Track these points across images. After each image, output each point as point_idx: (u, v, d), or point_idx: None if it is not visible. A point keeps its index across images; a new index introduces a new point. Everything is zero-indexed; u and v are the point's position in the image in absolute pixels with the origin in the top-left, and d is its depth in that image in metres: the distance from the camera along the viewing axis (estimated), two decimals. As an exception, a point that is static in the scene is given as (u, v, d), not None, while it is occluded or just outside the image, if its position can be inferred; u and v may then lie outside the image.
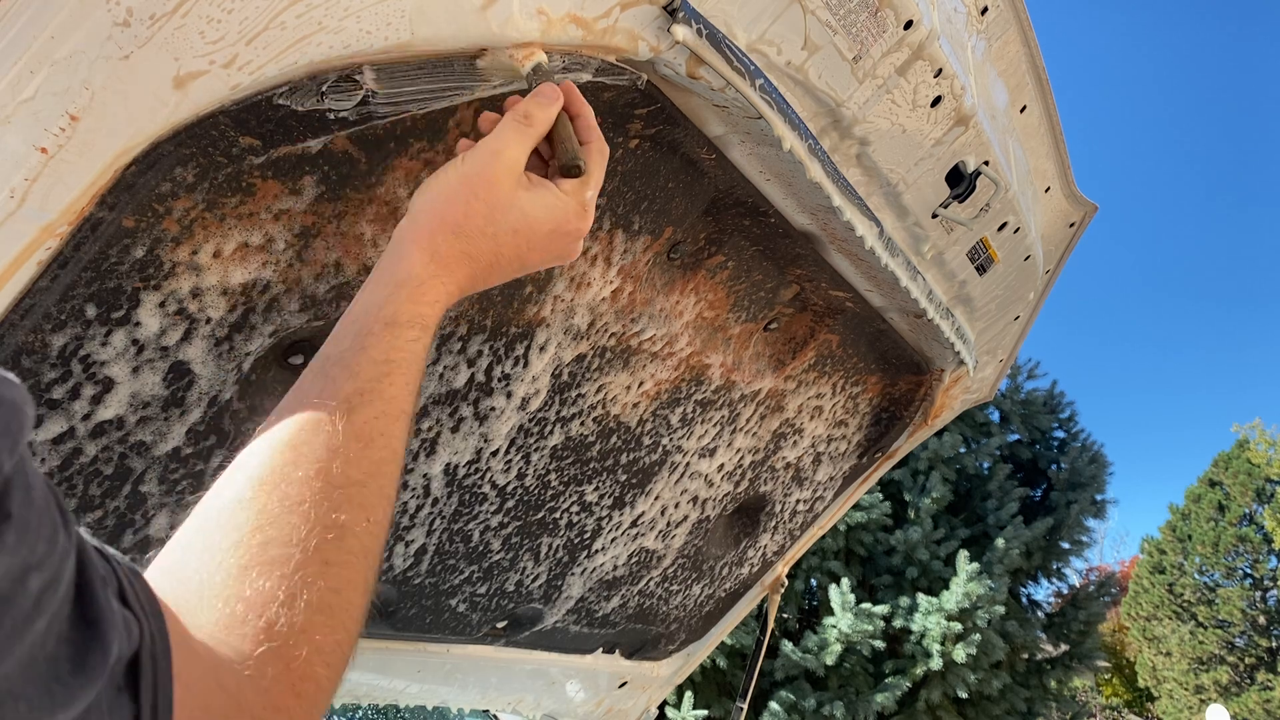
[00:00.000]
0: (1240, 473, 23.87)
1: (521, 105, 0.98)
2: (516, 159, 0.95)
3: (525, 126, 0.96)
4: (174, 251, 1.04)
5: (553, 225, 0.97)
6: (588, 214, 1.01)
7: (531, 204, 0.95)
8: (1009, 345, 2.46)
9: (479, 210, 0.92)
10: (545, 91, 0.99)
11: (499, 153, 0.94)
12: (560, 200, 0.97)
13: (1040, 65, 1.82)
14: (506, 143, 0.95)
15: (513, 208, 0.93)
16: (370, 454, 0.75)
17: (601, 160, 1.02)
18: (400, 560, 1.73)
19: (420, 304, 0.86)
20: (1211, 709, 15.00)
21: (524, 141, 0.96)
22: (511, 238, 0.94)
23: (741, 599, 2.79)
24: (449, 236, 0.90)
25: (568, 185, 0.99)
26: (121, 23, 0.83)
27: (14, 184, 0.85)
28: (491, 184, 0.92)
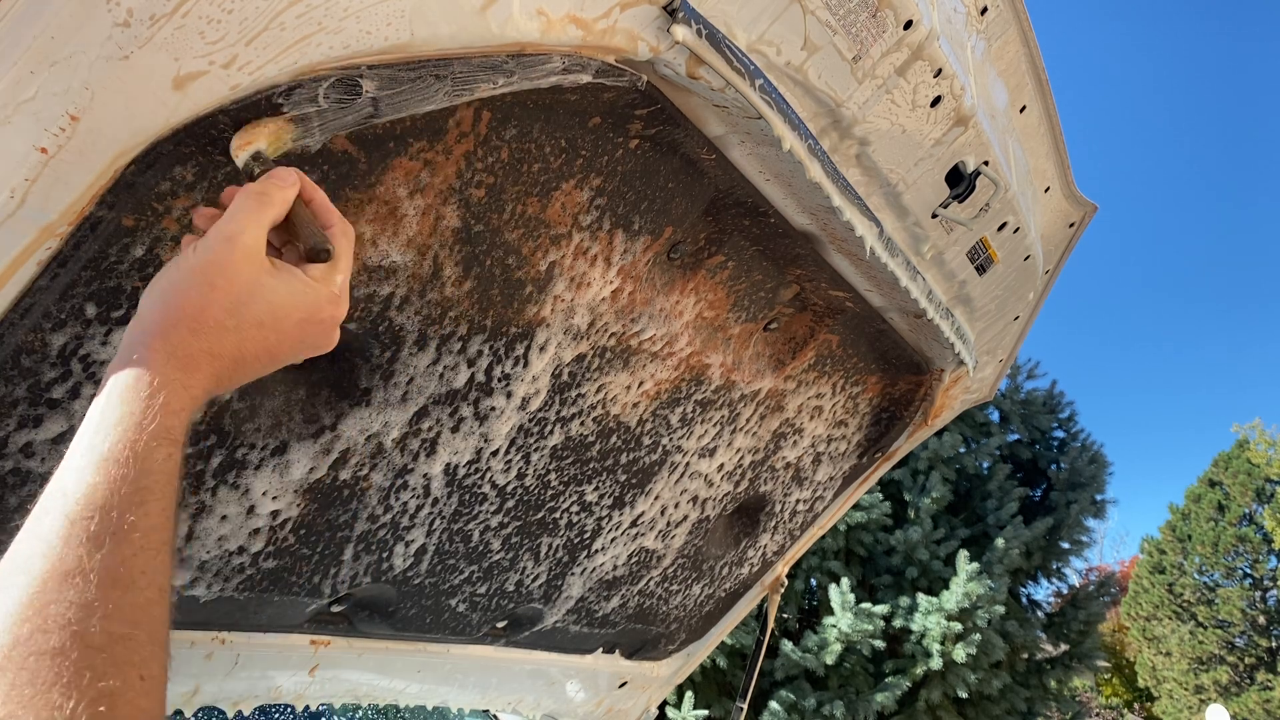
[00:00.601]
0: (1240, 473, 23.87)
1: (254, 185, 0.88)
2: (256, 242, 0.84)
3: (262, 207, 0.86)
4: (174, 251, 1.04)
5: (303, 314, 0.87)
6: (342, 300, 0.91)
7: (277, 292, 0.84)
8: (1009, 345, 2.46)
9: (219, 301, 0.81)
10: (281, 173, 0.90)
11: (235, 237, 0.83)
12: (310, 287, 0.88)
13: (1040, 65, 1.82)
14: (242, 225, 0.84)
15: (256, 297, 0.83)
16: (133, 599, 0.64)
17: (349, 242, 0.93)
18: (400, 560, 1.73)
19: (168, 416, 0.74)
20: (1211, 709, 15.00)
21: (261, 224, 0.86)
22: (257, 331, 0.83)
23: (741, 599, 2.79)
24: (186, 334, 0.79)
25: (317, 271, 0.89)
26: (122, 23, 0.83)
27: (14, 184, 0.85)
28: (230, 271, 0.82)
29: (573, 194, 1.41)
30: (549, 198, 1.38)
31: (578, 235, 1.47)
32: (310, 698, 2.05)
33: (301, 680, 1.98)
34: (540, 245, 1.43)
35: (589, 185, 1.41)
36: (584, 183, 1.40)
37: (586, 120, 1.32)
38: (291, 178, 0.90)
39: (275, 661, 1.87)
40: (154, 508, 0.69)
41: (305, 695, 2.03)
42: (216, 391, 0.82)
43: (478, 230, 1.33)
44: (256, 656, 1.81)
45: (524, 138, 1.27)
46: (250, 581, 1.51)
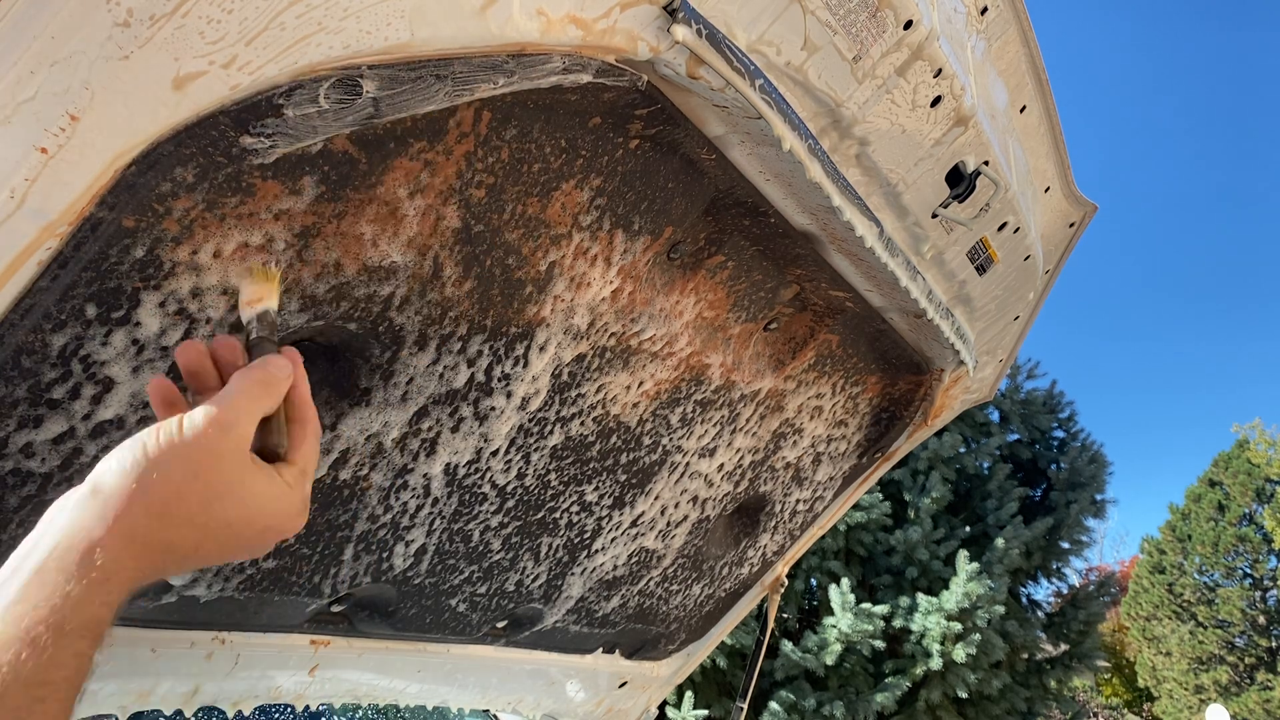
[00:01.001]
0: (1240, 473, 23.87)
1: (260, 371, 0.80)
2: (247, 435, 0.77)
3: (261, 398, 0.79)
4: (174, 251, 1.04)
5: (268, 522, 0.79)
6: (305, 510, 0.83)
7: (255, 494, 0.77)
8: (1009, 345, 2.46)
9: (198, 493, 0.72)
10: (282, 363, 0.82)
11: (230, 426, 0.75)
12: (284, 495, 0.79)
13: (1040, 65, 1.82)
14: (239, 414, 0.76)
15: (233, 496, 0.75)
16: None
17: (316, 444, 0.85)
18: (400, 560, 1.73)
19: (99, 604, 0.66)
20: (1211, 709, 15.00)
21: (255, 416, 0.78)
22: (223, 531, 0.75)
23: (741, 599, 2.79)
24: (154, 521, 0.70)
25: (291, 475, 0.81)
26: (122, 23, 0.83)
27: (14, 184, 0.85)
28: (217, 463, 0.74)
29: (573, 194, 1.41)
30: (549, 198, 1.38)
31: (578, 235, 1.47)
32: (310, 698, 2.05)
33: (301, 680, 1.98)
34: (540, 245, 1.43)
35: (589, 185, 1.41)
36: (584, 183, 1.40)
37: (587, 120, 1.32)
38: (288, 370, 0.82)
39: (275, 661, 1.87)
40: (51, 707, 0.61)
41: (305, 695, 2.03)
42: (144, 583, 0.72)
43: (478, 230, 1.33)
44: (256, 656, 1.82)
45: (524, 138, 1.27)
46: (250, 581, 1.51)
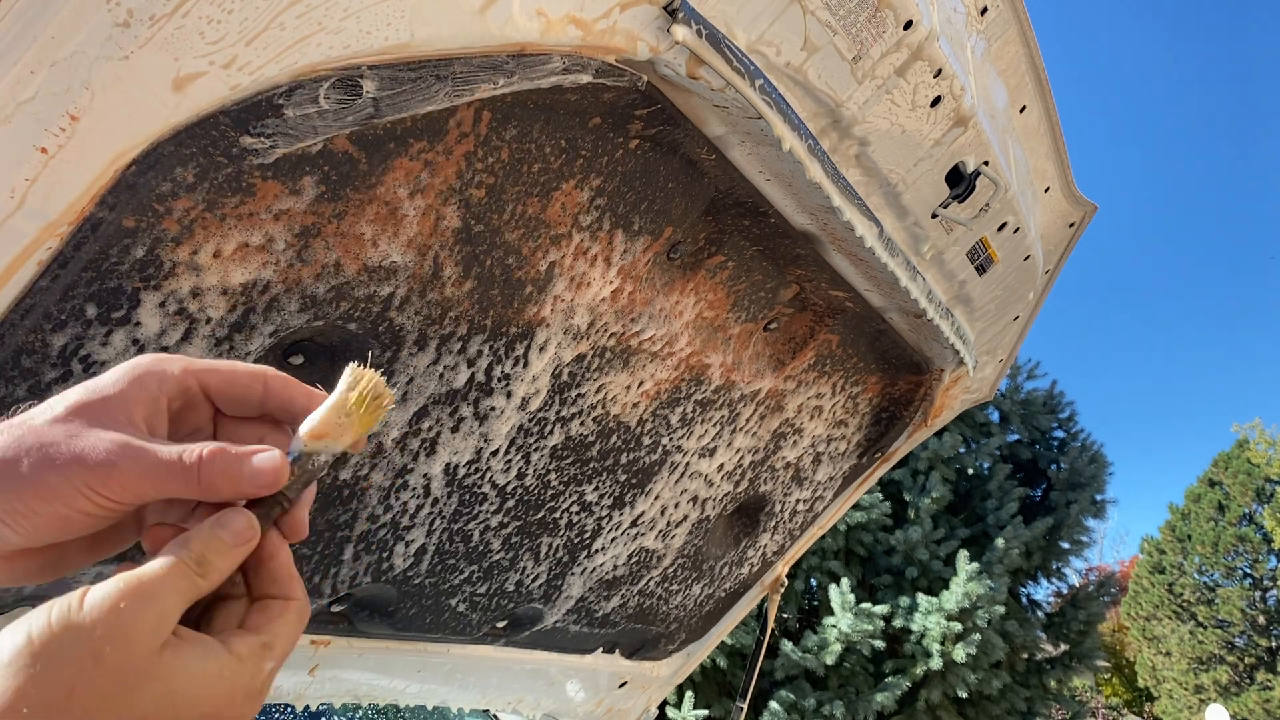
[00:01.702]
0: (1240, 473, 23.88)
1: (196, 542, 0.61)
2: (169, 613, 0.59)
3: (195, 576, 0.60)
4: (174, 251, 1.04)
5: (210, 707, 0.59)
6: (261, 695, 0.63)
7: (183, 673, 0.58)
8: (1009, 345, 2.46)
9: (97, 685, 0.55)
10: (236, 528, 0.62)
11: (151, 598, 0.58)
12: (232, 670, 0.60)
13: (1040, 65, 1.82)
14: (163, 589, 0.59)
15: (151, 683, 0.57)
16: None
17: (299, 623, 0.65)
18: (400, 560, 1.73)
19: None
20: (1211, 709, 15.00)
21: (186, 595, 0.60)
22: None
23: (741, 599, 2.79)
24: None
25: (246, 647, 0.62)
26: (122, 23, 0.83)
27: (14, 184, 0.85)
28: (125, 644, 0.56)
29: (573, 194, 1.41)
30: (549, 198, 1.38)
31: (578, 235, 1.47)
32: (310, 697, 2.05)
33: (301, 680, 1.98)
34: (540, 245, 1.43)
35: (589, 185, 1.41)
36: (584, 183, 1.40)
37: (587, 120, 1.32)
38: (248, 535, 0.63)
39: (275, 661, 1.87)
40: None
41: (305, 695, 2.03)
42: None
43: (478, 230, 1.33)
44: (256, 656, 1.81)
45: (524, 138, 1.27)
46: None
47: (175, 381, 0.64)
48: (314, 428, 0.64)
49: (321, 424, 0.64)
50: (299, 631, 0.65)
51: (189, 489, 0.61)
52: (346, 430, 0.65)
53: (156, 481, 0.60)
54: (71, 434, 0.60)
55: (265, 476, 0.62)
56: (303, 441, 0.64)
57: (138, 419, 0.62)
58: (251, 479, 0.62)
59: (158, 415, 0.64)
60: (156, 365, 0.64)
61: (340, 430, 0.64)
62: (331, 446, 0.65)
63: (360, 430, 0.65)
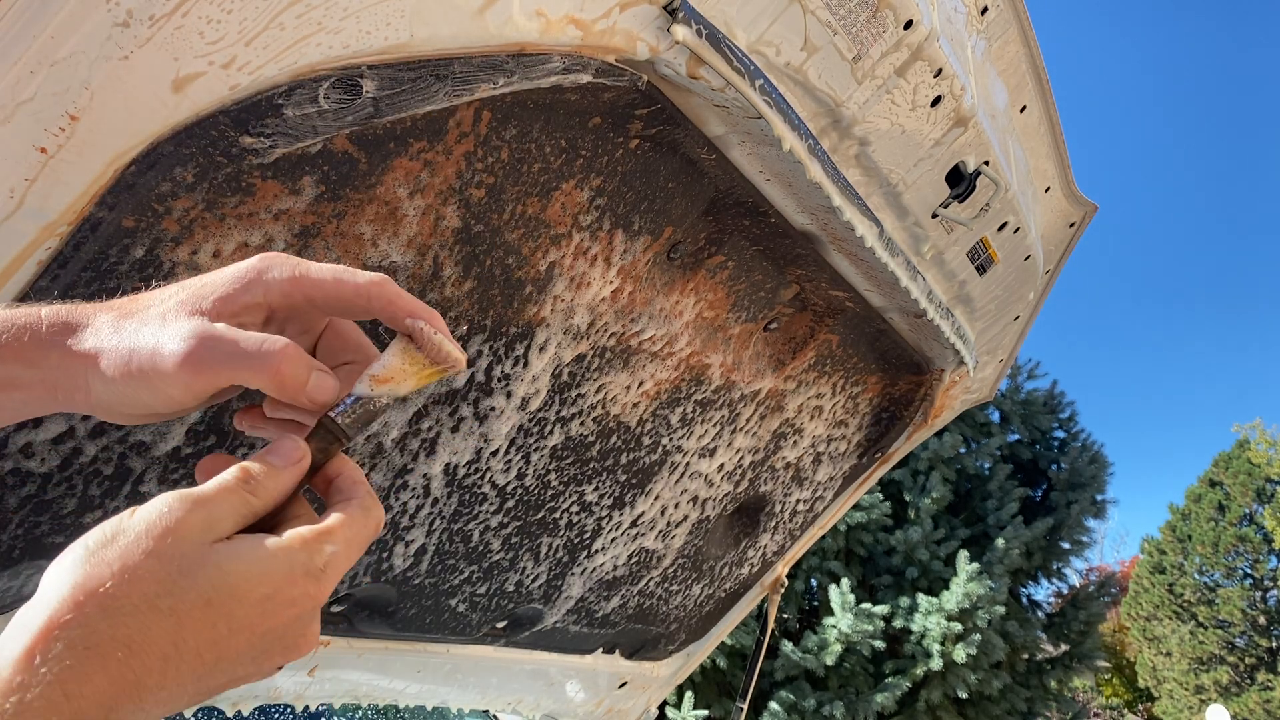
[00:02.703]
0: (1240, 473, 23.88)
1: (247, 463, 0.65)
2: (217, 519, 0.61)
3: (244, 493, 0.63)
4: (174, 251, 1.04)
5: (269, 588, 0.61)
6: (324, 576, 0.64)
7: (237, 558, 0.60)
8: (1009, 345, 2.46)
9: (149, 570, 0.57)
10: (283, 450, 0.66)
11: (198, 504, 0.60)
12: (283, 550, 0.62)
13: (1040, 65, 1.82)
14: (211, 498, 0.62)
15: (206, 564, 0.59)
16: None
17: (364, 518, 0.67)
18: (400, 560, 1.73)
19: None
20: (1211, 709, 14.99)
21: (236, 509, 0.63)
22: (202, 612, 0.58)
23: (741, 599, 2.79)
24: (93, 613, 0.54)
25: (299, 534, 0.64)
26: (121, 23, 0.83)
27: (14, 184, 0.85)
28: (174, 533, 0.59)
29: (573, 194, 1.41)
30: (549, 198, 1.38)
31: (578, 235, 1.47)
32: (310, 698, 2.05)
33: (301, 680, 1.98)
34: (540, 245, 1.43)
35: (589, 185, 1.41)
36: (584, 183, 1.40)
37: (587, 120, 1.32)
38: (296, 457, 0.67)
39: (275, 661, 1.87)
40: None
41: (305, 695, 2.03)
42: (133, 703, 0.55)
43: (478, 230, 1.33)
44: (256, 657, 1.81)
45: (524, 138, 1.27)
46: None
47: (279, 289, 0.68)
48: (378, 373, 0.68)
49: (385, 370, 0.68)
50: (364, 520, 0.67)
51: (260, 378, 0.65)
52: (408, 378, 0.69)
53: (232, 367, 0.64)
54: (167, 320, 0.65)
55: (322, 393, 0.67)
56: (367, 383, 0.68)
57: (233, 313, 0.66)
58: (314, 389, 0.67)
59: (253, 312, 0.68)
60: (267, 271, 0.68)
61: (403, 377, 0.69)
62: (394, 390, 0.68)
63: (420, 382, 0.69)
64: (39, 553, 1.18)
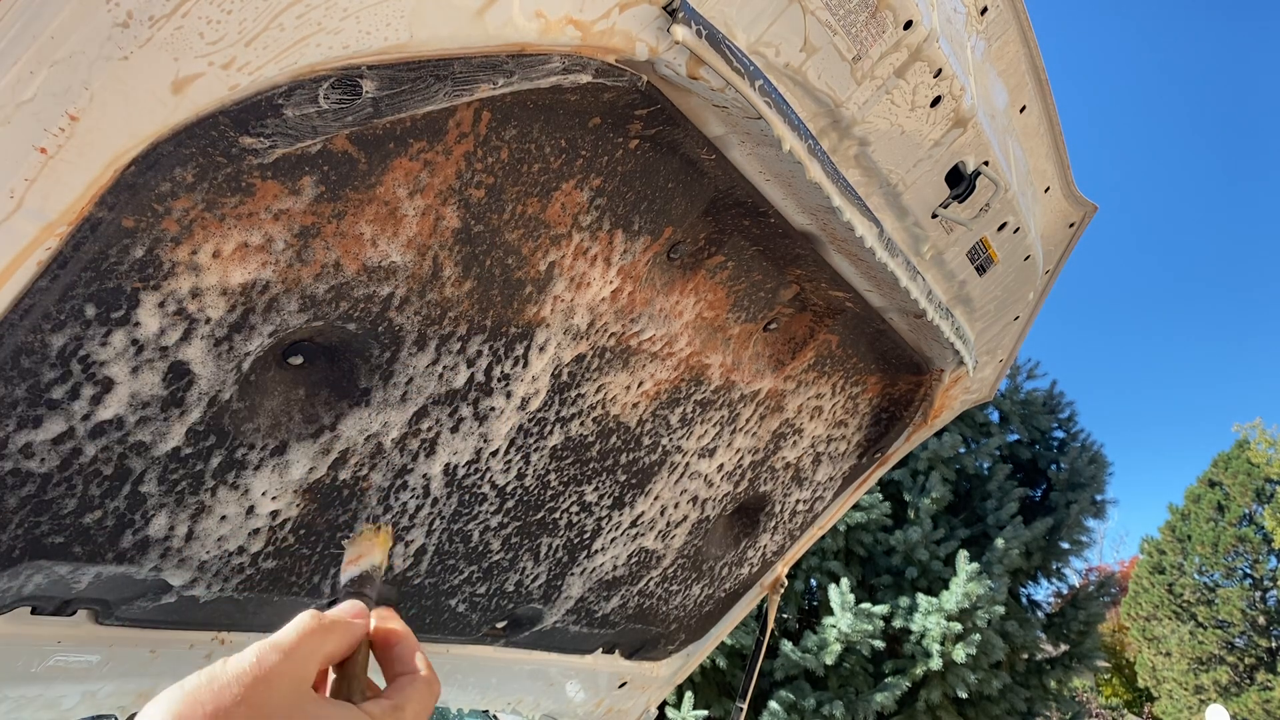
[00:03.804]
0: (1240, 473, 23.88)
1: (329, 614, 0.74)
2: (307, 665, 0.67)
3: (326, 634, 0.70)
4: (173, 251, 1.04)
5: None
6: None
7: None
8: (1009, 345, 2.46)
9: (241, 716, 0.61)
10: (357, 606, 0.77)
11: (288, 652, 0.66)
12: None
13: (1040, 65, 1.82)
14: (298, 642, 0.67)
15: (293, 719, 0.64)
16: None
17: (428, 692, 0.74)
18: (400, 560, 1.73)
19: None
20: (1211, 709, 14.99)
21: (319, 647, 0.69)
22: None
23: (741, 599, 2.79)
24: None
25: (376, 708, 0.70)
26: (121, 24, 0.83)
27: (14, 184, 0.85)
28: (268, 684, 0.63)
29: (573, 194, 1.41)
30: (549, 198, 1.38)
31: (578, 235, 1.47)
32: (310, 698, 2.05)
33: (301, 680, 1.98)
34: (540, 245, 1.43)
35: (589, 185, 1.41)
36: (584, 183, 1.40)
37: (586, 120, 1.32)
38: (364, 614, 0.76)
39: (275, 662, 1.87)
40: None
41: (305, 695, 2.03)
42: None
43: (478, 230, 1.33)
44: (256, 657, 1.81)
45: (524, 138, 1.27)
46: (250, 582, 1.51)
47: None
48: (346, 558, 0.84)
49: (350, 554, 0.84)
50: (428, 697, 0.75)
51: None
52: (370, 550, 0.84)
53: None
54: None
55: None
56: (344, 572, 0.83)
57: None
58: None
59: None
60: None
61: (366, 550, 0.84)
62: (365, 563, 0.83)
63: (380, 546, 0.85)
64: (39, 553, 1.18)
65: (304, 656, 0.67)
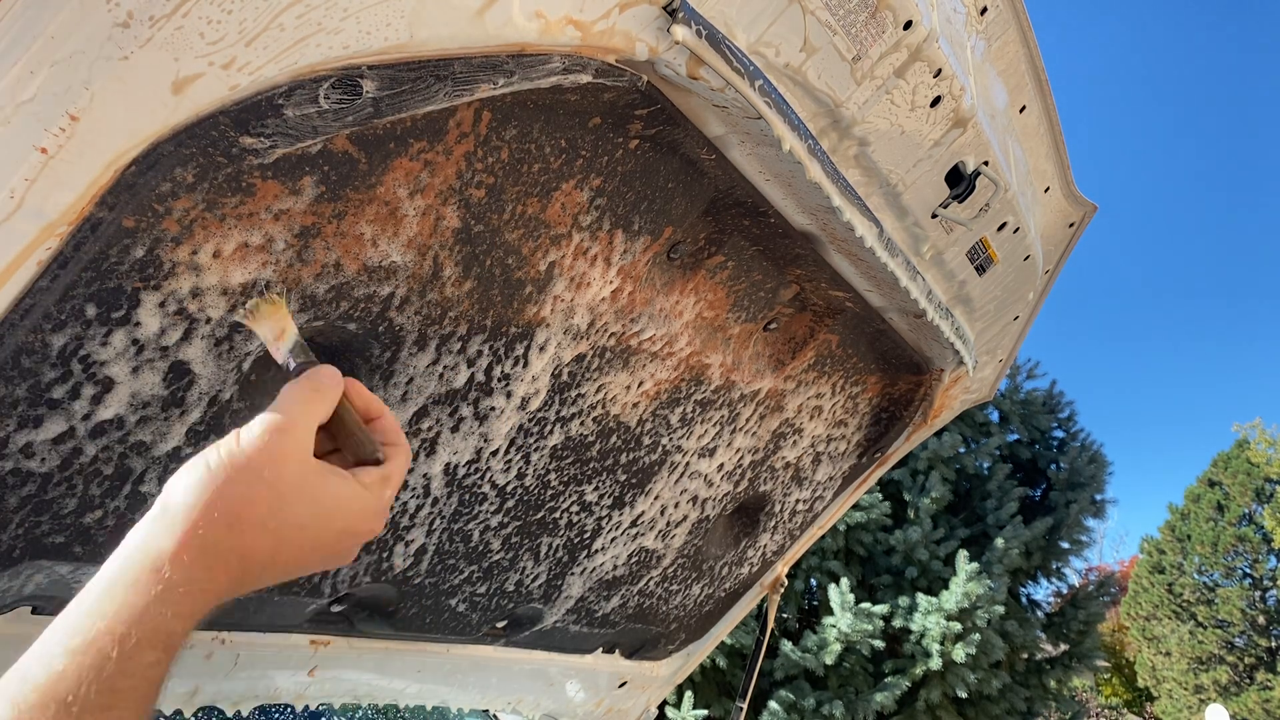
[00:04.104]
0: (1240, 472, 23.88)
1: (307, 380, 0.82)
2: (306, 437, 0.78)
3: (312, 402, 0.80)
4: (174, 251, 1.04)
5: (345, 523, 0.79)
6: (384, 514, 0.84)
7: (324, 495, 0.77)
8: (1008, 345, 2.46)
9: (263, 498, 0.73)
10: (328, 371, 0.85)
11: (288, 429, 0.76)
12: (360, 494, 0.80)
13: (1040, 65, 1.83)
14: (294, 418, 0.77)
15: (302, 498, 0.76)
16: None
17: (405, 460, 0.87)
18: (400, 560, 1.73)
19: (171, 618, 0.67)
20: (1211, 709, 14.99)
21: (312, 418, 0.79)
22: (297, 534, 0.75)
23: (741, 599, 2.79)
24: (222, 530, 0.71)
25: (369, 477, 0.82)
26: (122, 24, 0.83)
27: (14, 184, 0.85)
28: (279, 464, 0.74)
29: (573, 194, 1.41)
30: (549, 198, 1.38)
31: (578, 235, 1.47)
32: (310, 698, 2.05)
33: (301, 680, 1.98)
34: (540, 245, 1.43)
35: (589, 185, 1.41)
36: (584, 183, 1.40)
37: (586, 120, 1.32)
38: (336, 377, 0.84)
39: (275, 661, 1.87)
40: (123, 714, 0.62)
41: (305, 695, 2.03)
42: (228, 597, 0.72)
43: (478, 230, 1.33)
44: (256, 656, 1.82)
45: (524, 138, 1.28)
46: None
47: None
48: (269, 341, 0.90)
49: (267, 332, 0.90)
50: (406, 468, 0.87)
51: None
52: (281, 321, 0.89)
53: None
54: None
55: None
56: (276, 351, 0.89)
57: None
58: None
59: None
60: None
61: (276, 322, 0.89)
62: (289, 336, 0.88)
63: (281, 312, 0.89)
64: (39, 553, 1.18)
65: (303, 431, 0.78)
